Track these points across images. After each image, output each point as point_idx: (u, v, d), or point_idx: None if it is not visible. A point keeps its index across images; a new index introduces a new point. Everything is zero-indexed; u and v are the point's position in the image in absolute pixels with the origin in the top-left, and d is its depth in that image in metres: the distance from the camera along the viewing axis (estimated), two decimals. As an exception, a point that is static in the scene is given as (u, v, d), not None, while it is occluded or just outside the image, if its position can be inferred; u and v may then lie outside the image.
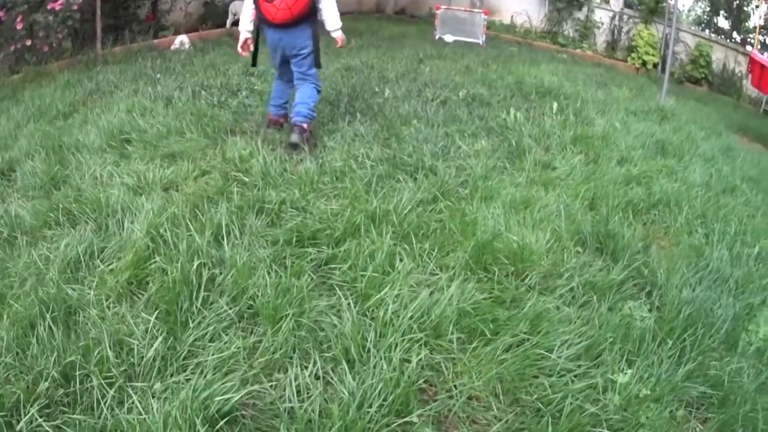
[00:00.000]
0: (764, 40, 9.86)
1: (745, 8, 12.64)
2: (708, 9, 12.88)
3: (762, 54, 8.17)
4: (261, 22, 4.39)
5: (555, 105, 6.28)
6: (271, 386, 2.06)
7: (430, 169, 3.96)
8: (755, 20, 12.63)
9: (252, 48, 4.60)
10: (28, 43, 6.45)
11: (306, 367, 2.12)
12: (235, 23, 9.65)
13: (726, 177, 5.11)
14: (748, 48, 12.44)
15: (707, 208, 4.17)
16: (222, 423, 1.85)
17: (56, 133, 4.51)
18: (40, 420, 1.81)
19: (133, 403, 1.88)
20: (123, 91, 5.69)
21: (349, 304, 2.40)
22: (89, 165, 3.82)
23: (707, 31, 13.00)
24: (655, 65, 11.78)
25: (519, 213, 3.47)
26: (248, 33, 4.50)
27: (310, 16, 4.29)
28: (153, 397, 1.90)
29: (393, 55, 8.54)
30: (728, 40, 12.69)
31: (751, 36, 12.79)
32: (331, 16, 4.41)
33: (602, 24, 12.79)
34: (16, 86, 6.00)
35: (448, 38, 10.80)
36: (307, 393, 2.03)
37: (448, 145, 4.61)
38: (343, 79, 6.68)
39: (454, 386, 2.16)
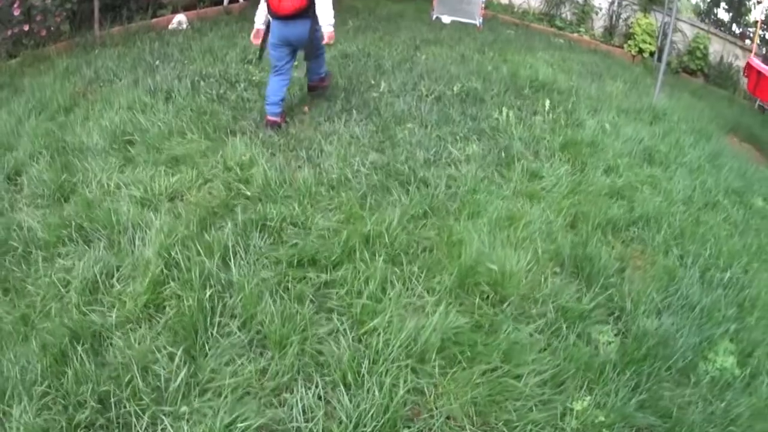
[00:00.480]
0: (764, 35, 10.08)
1: (746, 2, 12.84)
2: (708, 0, 13.04)
3: (760, 58, 8.41)
4: (270, 15, 4.99)
5: (547, 102, 6.57)
6: (281, 407, 2.43)
7: (422, 181, 4.30)
8: (756, 15, 12.86)
9: (262, 36, 5.34)
10: (26, 28, 6.64)
11: (310, 389, 2.50)
12: (232, 0, 9.89)
13: (709, 190, 5.39)
14: (747, 42, 12.72)
15: (686, 226, 4.51)
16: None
17: (59, 132, 4.82)
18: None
19: (165, 427, 2.25)
20: (123, 80, 5.98)
21: (345, 330, 2.78)
22: (95, 172, 4.14)
23: (706, 21, 13.17)
24: (651, 54, 12.02)
25: (504, 231, 3.82)
26: (261, 25, 5.26)
27: (310, 8, 4.87)
28: (182, 419, 2.27)
29: (390, 40, 8.77)
30: (727, 33, 12.92)
31: (750, 30, 13.05)
32: (324, 12, 4.87)
33: (600, 9, 12.99)
34: (14, 72, 6.24)
35: (446, 19, 11.01)
36: (311, 413, 2.41)
37: (440, 150, 4.93)
38: (340, 69, 6.95)
39: (435, 407, 2.55)
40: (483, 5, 11.31)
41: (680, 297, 3.57)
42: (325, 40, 5.04)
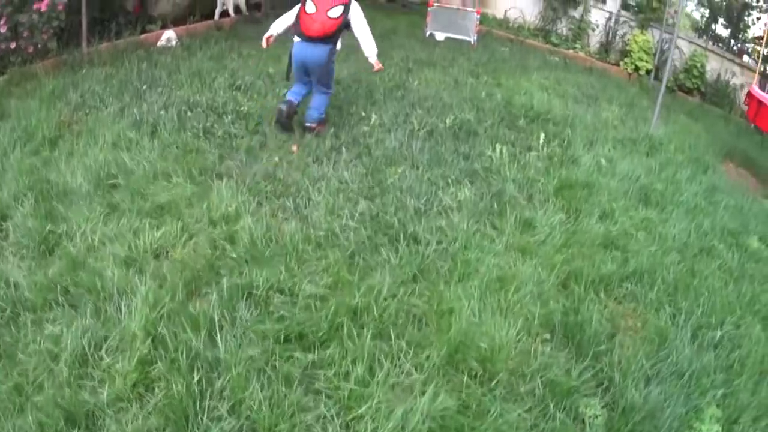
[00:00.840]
0: (765, 52, 10.14)
1: (745, 18, 12.93)
2: (707, 16, 13.13)
3: (762, 88, 8.51)
4: (296, 34, 5.66)
5: (542, 136, 6.62)
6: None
7: (412, 237, 4.32)
8: (754, 31, 12.96)
9: (271, 43, 6.04)
10: (13, 45, 6.65)
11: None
12: (223, 14, 10.13)
13: (705, 233, 5.45)
14: (745, 58, 12.81)
15: (680, 279, 4.54)
16: None
17: (43, 170, 4.82)
18: None
19: None
20: (108, 107, 5.97)
21: (333, 416, 2.81)
22: (79, 223, 4.14)
23: (704, 38, 13.26)
24: (648, 72, 12.10)
25: (495, 295, 3.86)
26: (275, 33, 5.95)
27: (335, 36, 5.63)
28: None
29: (382, 62, 8.75)
30: (725, 50, 13.02)
31: (748, 45, 13.15)
32: (366, 44, 5.85)
33: (597, 26, 13.05)
34: (1, 91, 6.25)
35: (439, 36, 11.07)
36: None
37: (431, 197, 4.95)
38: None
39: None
40: (477, 22, 11.34)
41: (670, 363, 3.61)
42: (375, 69, 5.99)
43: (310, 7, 5.58)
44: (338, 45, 5.87)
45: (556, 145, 6.59)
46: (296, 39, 5.68)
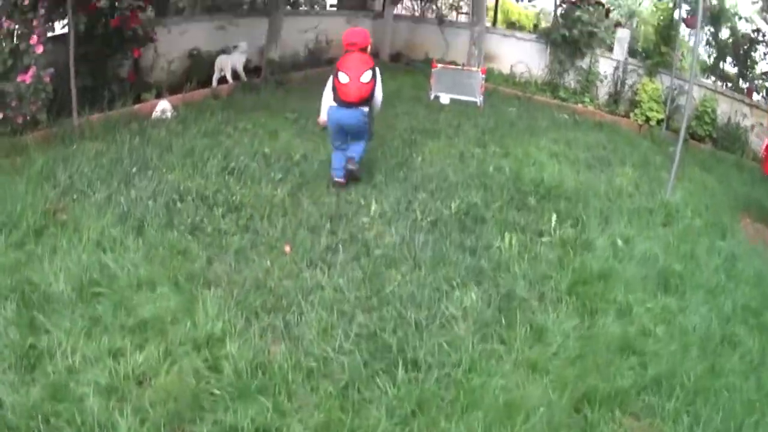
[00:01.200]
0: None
1: (752, 53, 12.72)
2: (714, 55, 12.94)
3: None
4: (335, 101, 6.39)
5: (554, 218, 6.39)
6: None
7: (412, 362, 4.02)
8: (762, 66, 12.77)
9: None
10: (1, 115, 6.62)
11: None
12: (221, 80, 10.26)
13: (726, 317, 5.20)
14: (755, 97, 12.55)
15: (700, 382, 4.23)
16: None
17: (27, 268, 4.64)
18: None
19: None
20: (96, 194, 5.84)
21: None
22: (60, 338, 3.90)
23: (712, 78, 13.06)
24: (659, 122, 11.91)
25: (501, 428, 3.55)
26: (324, 118, 6.66)
27: (369, 100, 6.40)
28: None
29: (384, 135, 8.64)
30: (734, 90, 12.79)
31: (757, 83, 12.92)
32: (377, 103, 6.70)
33: (606, 76, 12.90)
34: (-9, 163, 6.10)
35: (444, 99, 10.92)
36: None
37: (434, 306, 4.67)
38: (330, 182, 6.77)
39: None
40: (483, 81, 11.19)
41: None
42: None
43: (343, 78, 6.29)
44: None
45: (569, 225, 6.36)
46: (333, 104, 6.44)
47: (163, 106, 8.65)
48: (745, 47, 12.74)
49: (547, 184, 7.28)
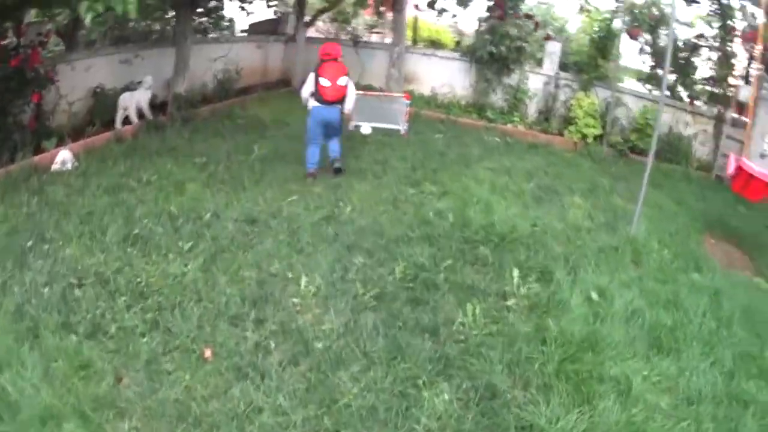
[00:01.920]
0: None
1: (692, 60, 12.61)
2: (652, 64, 12.79)
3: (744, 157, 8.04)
4: (317, 100, 7.99)
5: (516, 274, 5.73)
6: None
7: None
8: (703, 72, 12.73)
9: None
10: None
11: None
12: (125, 121, 9.89)
13: (729, 371, 4.86)
14: (697, 103, 12.45)
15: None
16: None
17: None
18: None
19: None
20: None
21: None
22: None
23: (649, 87, 12.93)
24: (596, 138, 11.64)
25: None
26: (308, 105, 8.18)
27: (343, 99, 8.13)
28: None
29: (304, 181, 7.87)
30: (674, 98, 12.68)
31: (696, 87, 12.86)
32: (350, 101, 8.32)
33: (536, 94, 12.58)
34: None
35: (366, 129, 10.20)
36: None
37: (402, 423, 3.83)
38: (244, 247, 5.92)
39: None
40: (407, 107, 10.55)
41: None
42: (345, 112, 8.34)
43: (325, 83, 7.90)
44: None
45: (534, 280, 5.71)
46: (315, 104, 8.02)
47: (63, 156, 7.93)
48: (686, 54, 12.58)
49: (498, 229, 6.59)
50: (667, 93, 12.90)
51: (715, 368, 4.85)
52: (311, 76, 8.05)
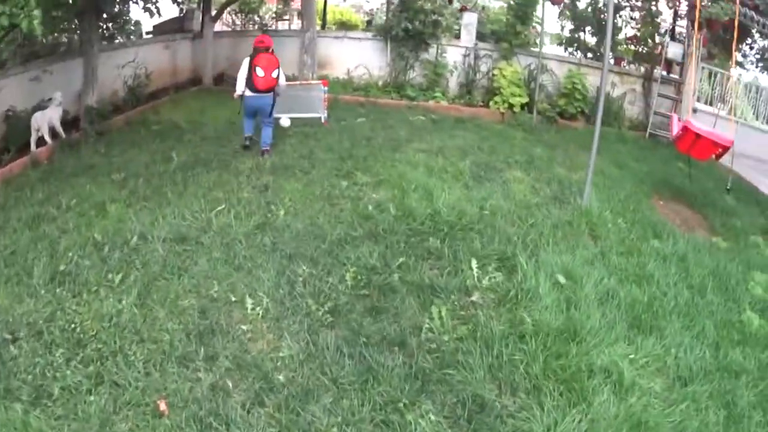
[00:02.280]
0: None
1: (616, 21, 12.62)
2: (572, 27, 12.74)
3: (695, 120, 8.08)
4: (249, 88, 8.48)
5: (474, 264, 5.42)
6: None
7: None
8: (627, 32, 12.80)
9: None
10: None
11: None
12: (39, 142, 9.38)
13: (714, 341, 5.01)
14: (624, 65, 12.53)
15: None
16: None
17: None
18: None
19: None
20: None
21: None
22: None
23: (571, 50, 12.92)
24: (522, 107, 11.52)
25: None
26: (240, 91, 8.62)
27: (274, 88, 8.62)
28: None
29: (228, 180, 7.41)
30: (598, 60, 12.70)
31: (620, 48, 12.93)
32: (283, 85, 8.89)
33: (456, 67, 12.33)
34: None
35: (284, 121, 9.65)
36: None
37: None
38: (178, 278, 5.29)
39: None
40: (325, 93, 10.09)
41: None
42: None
43: (259, 72, 8.37)
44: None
45: (494, 269, 5.42)
46: (248, 93, 8.54)
47: (-21, 193, 7.35)
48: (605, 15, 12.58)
49: (445, 216, 6.22)
50: (590, 55, 12.96)
51: (699, 341, 4.88)
52: (245, 63, 8.58)
